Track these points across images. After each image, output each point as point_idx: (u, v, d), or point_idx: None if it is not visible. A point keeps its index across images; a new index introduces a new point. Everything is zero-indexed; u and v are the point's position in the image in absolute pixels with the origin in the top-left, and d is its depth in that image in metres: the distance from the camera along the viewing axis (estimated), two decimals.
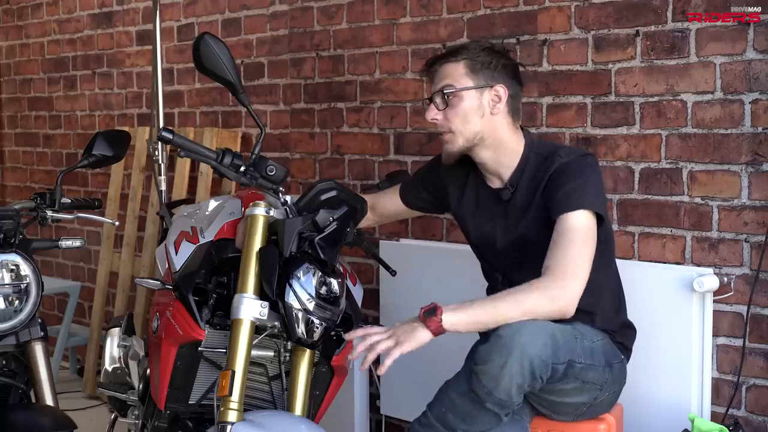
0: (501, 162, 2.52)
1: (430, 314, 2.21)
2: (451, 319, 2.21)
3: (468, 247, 2.73)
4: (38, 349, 2.77)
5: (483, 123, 2.47)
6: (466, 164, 2.59)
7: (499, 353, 2.18)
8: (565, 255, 2.28)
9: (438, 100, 2.48)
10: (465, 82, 2.46)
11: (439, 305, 2.22)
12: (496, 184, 2.56)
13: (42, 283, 2.75)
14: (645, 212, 2.92)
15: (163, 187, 4.01)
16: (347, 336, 2.32)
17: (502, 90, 2.47)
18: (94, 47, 5.12)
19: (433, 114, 2.49)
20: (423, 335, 2.20)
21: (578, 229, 2.32)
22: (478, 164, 2.56)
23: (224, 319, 2.39)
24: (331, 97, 3.84)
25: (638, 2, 2.89)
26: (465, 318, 2.22)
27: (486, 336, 2.31)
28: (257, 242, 2.33)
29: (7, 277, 2.69)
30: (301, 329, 2.23)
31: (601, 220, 2.39)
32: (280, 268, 2.25)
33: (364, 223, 2.75)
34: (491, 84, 2.46)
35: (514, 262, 2.51)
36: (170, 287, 2.52)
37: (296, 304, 2.22)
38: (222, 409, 2.20)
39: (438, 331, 2.20)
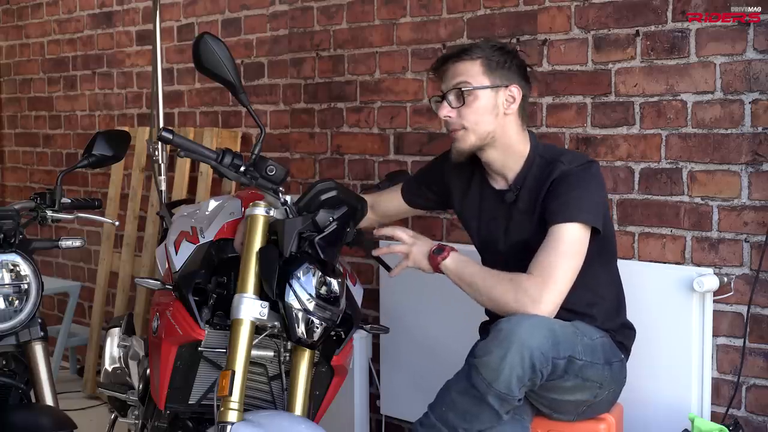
0: (507, 164, 2.52)
1: (437, 252, 2.45)
2: (448, 266, 2.44)
3: (468, 247, 2.73)
4: (38, 349, 2.77)
5: (496, 123, 2.46)
6: (471, 163, 2.59)
7: (499, 345, 2.19)
8: (551, 264, 2.31)
9: (452, 97, 2.46)
10: (482, 81, 2.45)
11: (449, 248, 2.45)
12: (500, 184, 2.56)
13: (42, 283, 2.74)
14: (645, 212, 2.92)
15: (163, 187, 4.01)
16: (378, 232, 2.57)
17: (516, 90, 2.47)
18: (94, 47, 5.12)
19: (446, 111, 2.48)
20: (425, 266, 2.49)
21: (568, 242, 2.33)
22: (485, 164, 2.56)
23: (224, 319, 2.39)
24: (331, 97, 3.83)
25: (638, 2, 2.89)
26: (457, 273, 2.43)
27: (486, 333, 2.31)
28: (257, 242, 2.33)
29: (7, 277, 2.68)
30: (301, 329, 2.23)
31: (597, 232, 2.39)
32: (280, 268, 2.25)
33: (364, 223, 2.75)
34: (506, 84, 2.46)
35: (512, 265, 2.47)
36: (170, 287, 2.52)
37: (296, 304, 2.22)
38: (222, 409, 2.20)
39: (437, 270, 2.46)
